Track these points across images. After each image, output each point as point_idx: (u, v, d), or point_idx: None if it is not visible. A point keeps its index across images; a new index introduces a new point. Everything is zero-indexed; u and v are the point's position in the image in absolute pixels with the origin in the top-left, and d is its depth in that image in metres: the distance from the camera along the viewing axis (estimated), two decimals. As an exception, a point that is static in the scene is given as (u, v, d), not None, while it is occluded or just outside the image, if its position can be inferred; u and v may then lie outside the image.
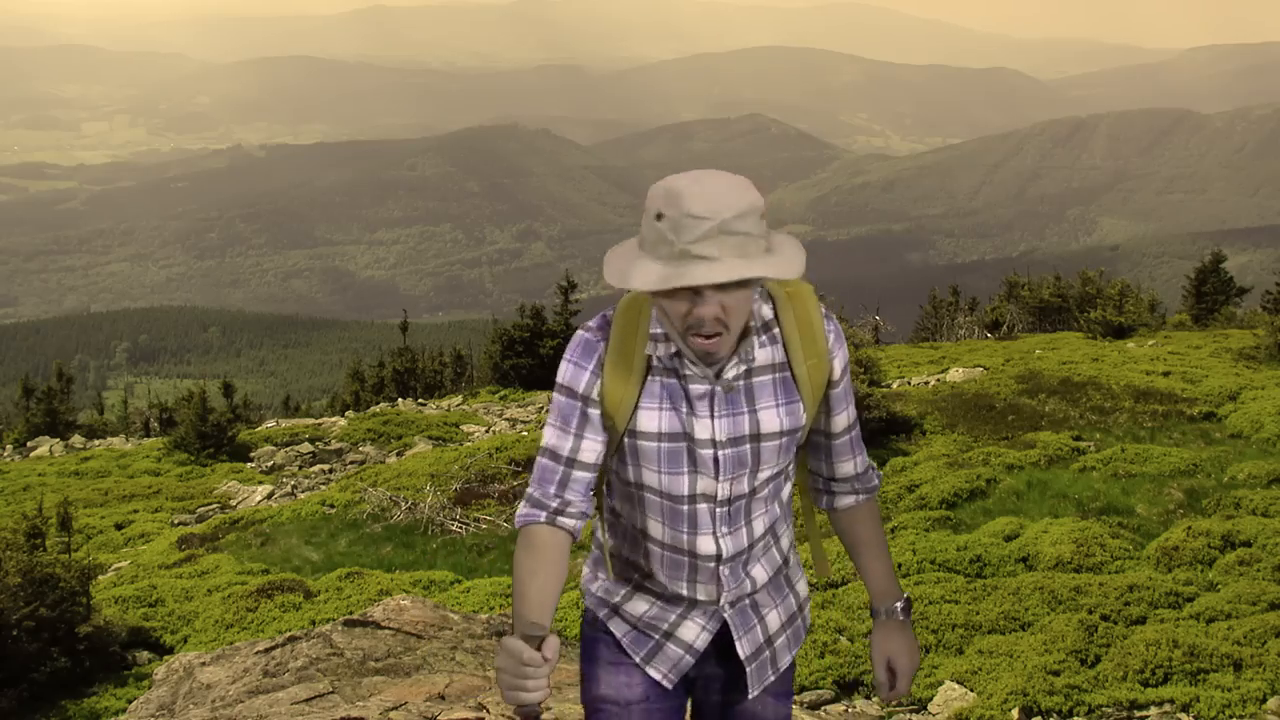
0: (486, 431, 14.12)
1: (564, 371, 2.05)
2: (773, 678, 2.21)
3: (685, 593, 2.13)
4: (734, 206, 1.86)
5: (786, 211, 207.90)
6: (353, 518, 9.49)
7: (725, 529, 2.08)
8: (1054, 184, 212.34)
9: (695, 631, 2.15)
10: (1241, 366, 12.00)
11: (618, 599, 2.19)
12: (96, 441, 16.42)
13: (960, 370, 13.13)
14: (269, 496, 11.21)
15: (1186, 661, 5.08)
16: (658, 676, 2.16)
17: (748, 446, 2.04)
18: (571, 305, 19.05)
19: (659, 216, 1.86)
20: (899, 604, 2.25)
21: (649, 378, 2.02)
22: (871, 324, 18.75)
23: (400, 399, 18.52)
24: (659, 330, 2.00)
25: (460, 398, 18.01)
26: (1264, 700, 4.76)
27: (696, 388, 2.01)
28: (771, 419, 2.05)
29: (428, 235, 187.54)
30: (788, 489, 2.20)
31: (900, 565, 7.00)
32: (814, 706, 5.22)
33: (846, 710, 5.19)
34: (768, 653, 2.20)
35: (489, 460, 10.49)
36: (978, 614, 6.00)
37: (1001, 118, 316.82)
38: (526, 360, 18.24)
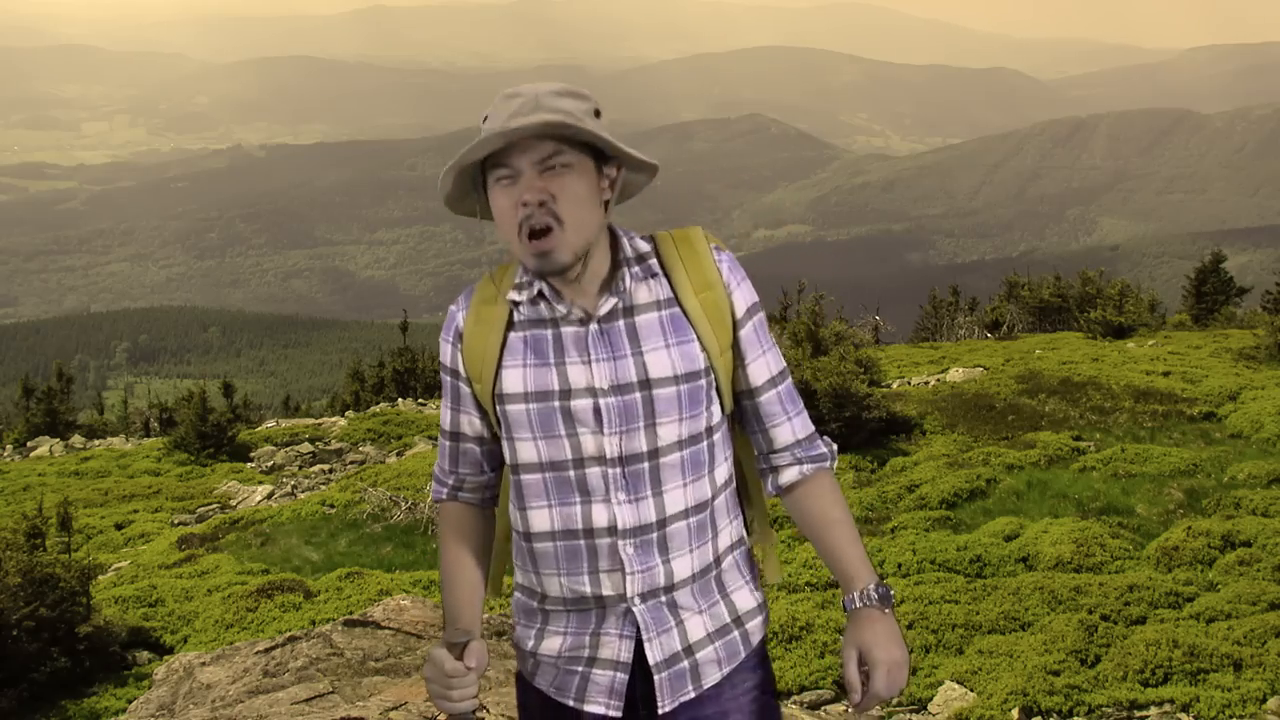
0: (486, 431, 14.10)
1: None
2: (692, 693, 1.88)
3: (588, 590, 1.84)
4: (552, 87, 1.75)
5: (786, 211, 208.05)
6: (353, 518, 9.49)
7: (623, 495, 1.81)
8: (1054, 184, 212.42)
9: (615, 644, 1.87)
10: (1241, 366, 12.00)
11: (531, 642, 1.95)
12: (96, 441, 16.41)
13: (960, 370, 13.13)
14: (269, 496, 11.21)
15: (1186, 661, 5.08)
16: (600, 710, 1.88)
17: (637, 395, 1.80)
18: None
19: (484, 120, 1.78)
20: (873, 587, 1.86)
21: (511, 334, 1.85)
22: (871, 324, 18.73)
23: (400, 399, 18.52)
24: (523, 279, 1.85)
25: (460, 398, 17.99)
26: (1264, 700, 4.75)
27: (568, 330, 1.82)
28: (662, 361, 1.81)
29: (428, 235, 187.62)
30: (725, 468, 1.91)
31: (900, 565, 7.01)
32: (814, 706, 5.21)
33: (846, 710, 5.18)
34: (686, 663, 1.87)
35: (489, 460, 10.47)
36: (978, 614, 6.00)
37: (1001, 118, 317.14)
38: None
